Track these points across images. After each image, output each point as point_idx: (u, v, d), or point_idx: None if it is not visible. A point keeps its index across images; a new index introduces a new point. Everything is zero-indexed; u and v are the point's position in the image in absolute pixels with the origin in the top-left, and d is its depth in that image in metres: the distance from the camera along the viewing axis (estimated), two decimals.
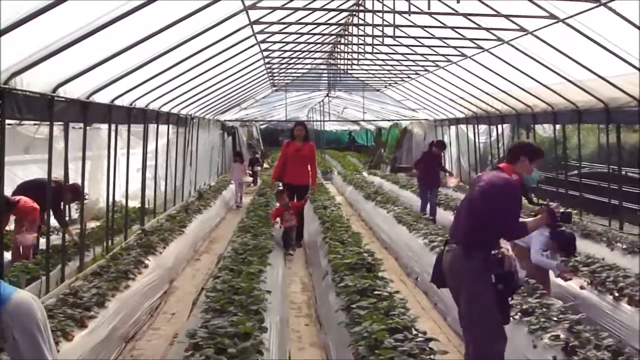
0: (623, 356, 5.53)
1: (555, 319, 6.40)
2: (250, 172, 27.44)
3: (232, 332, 5.61)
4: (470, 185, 6.21)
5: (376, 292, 7.06)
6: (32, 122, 12.52)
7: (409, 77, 21.87)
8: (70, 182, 10.27)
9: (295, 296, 9.82)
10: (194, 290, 10.09)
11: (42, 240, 10.46)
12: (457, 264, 5.64)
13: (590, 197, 15.92)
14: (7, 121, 7.31)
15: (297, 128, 13.72)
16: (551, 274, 8.62)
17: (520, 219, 5.81)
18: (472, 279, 5.52)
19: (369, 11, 14.02)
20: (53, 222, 10.97)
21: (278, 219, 12.88)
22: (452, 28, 13.05)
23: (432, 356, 5.27)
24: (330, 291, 8.16)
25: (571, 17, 10.01)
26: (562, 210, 6.07)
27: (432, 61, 17.25)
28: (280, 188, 13.45)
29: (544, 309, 6.66)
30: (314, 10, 13.96)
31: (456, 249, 5.69)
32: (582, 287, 8.43)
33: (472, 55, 14.79)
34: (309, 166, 13.54)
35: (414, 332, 5.76)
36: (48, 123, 8.56)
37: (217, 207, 17.95)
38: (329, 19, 16.49)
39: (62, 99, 8.28)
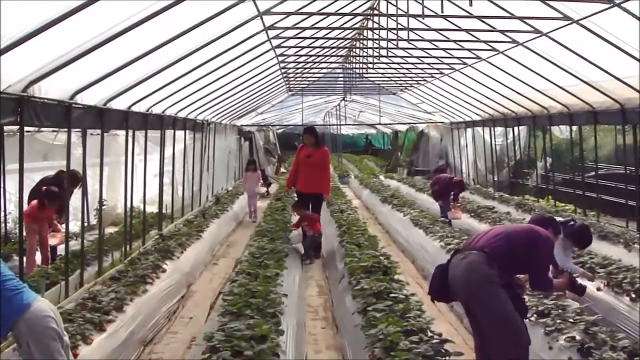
0: (639, 357, 5.53)
1: (571, 320, 6.41)
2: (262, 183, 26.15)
3: (248, 335, 5.66)
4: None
5: (392, 295, 7.09)
6: (50, 129, 12.63)
7: (424, 80, 21.88)
8: (87, 185, 10.38)
9: (311, 299, 9.85)
10: (212, 294, 10.15)
11: (61, 246, 10.56)
12: (476, 268, 5.48)
13: (607, 198, 15.87)
14: (26, 128, 7.40)
15: (304, 136, 12.92)
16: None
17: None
18: (489, 281, 5.39)
19: (384, 15, 14.07)
20: (72, 227, 11.07)
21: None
22: (467, 31, 13.06)
23: (447, 358, 5.28)
24: (347, 294, 8.20)
25: (585, 18, 10.01)
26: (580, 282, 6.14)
27: (447, 64, 17.27)
28: (295, 200, 13.21)
29: (560, 311, 6.67)
30: (329, 14, 14.02)
31: (477, 254, 5.54)
32: (598, 289, 8.41)
33: (487, 58, 14.80)
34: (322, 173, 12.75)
35: (430, 334, 5.78)
36: (66, 130, 8.66)
37: (235, 211, 18.01)
38: (344, 24, 16.53)
39: (80, 106, 8.38)
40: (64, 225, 10.70)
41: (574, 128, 16.26)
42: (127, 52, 8.33)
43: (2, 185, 7.97)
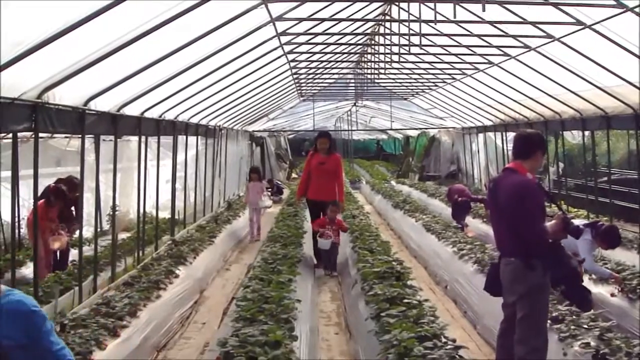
0: None
1: (585, 326, 6.37)
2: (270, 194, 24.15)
3: (262, 341, 5.66)
4: (490, 192, 6.15)
5: (405, 301, 7.09)
6: (64, 135, 12.69)
7: (436, 86, 21.85)
8: (100, 191, 10.36)
9: (324, 305, 9.85)
10: (224, 299, 10.15)
11: (75, 252, 10.59)
12: (520, 277, 5.61)
13: (620, 203, 15.79)
14: (40, 134, 7.43)
15: (320, 140, 12.38)
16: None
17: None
18: (537, 291, 5.58)
19: (395, 20, 14.05)
20: (85, 233, 11.10)
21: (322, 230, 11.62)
22: (479, 36, 13.03)
23: None
24: (360, 300, 8.20)
25: (598, 23, 9.96)
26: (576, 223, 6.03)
27: (459, 69, 17.24)
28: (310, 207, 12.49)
29: (574, 317, 6.63)
30: (341, 20, 14.01)
31: (514, 262, 5.65)
32: (612, 295, 8.38)
33: (499, 63, 14.76)
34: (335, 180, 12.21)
35: (444, 339, 5.79)
36: (79, 136, 8.70)
37: (246, 217, 17.98)
38: (356, 29, 16.53)
39: (93, 112, 8.41)
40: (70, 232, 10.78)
41: (587, 133, 16.20)
42: (140, 59, 8.36)
43: (16, 191, 8.02)
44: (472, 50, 14.48)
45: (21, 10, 5.37)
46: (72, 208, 10.90)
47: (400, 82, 22.66)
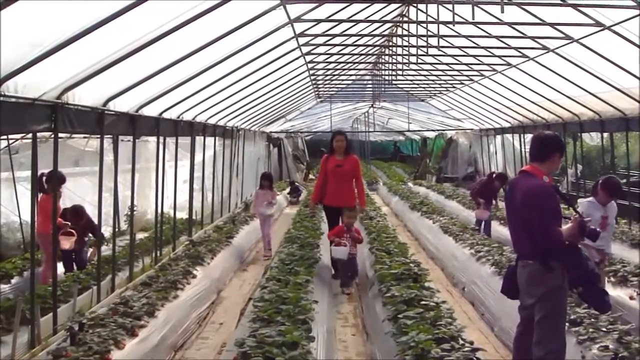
0: None
1: (604, 329, 6.32)
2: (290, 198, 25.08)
3: (280, 342, 5.66)
4: (506, 195, 6.13)
5: (423, 302, 7.07)
6: (82, 135, 12.76)
7: (454, 87, 21.81)
8: (118, 191, 10.30)
9: (341, 306, 9.83)
10: (242, 300, 10.17)
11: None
12: (537, 280, 5.57)
13: (639, 205, 15.67)
14: (59, 134, 7.48)
15: (336, 138, 11.26)
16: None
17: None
18: (555, 293, 5.53)
19: (413, 22, 14.03)
20: (104, 233, 11.15)
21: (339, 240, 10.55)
22: (497, 37, 13.00)
23: None
24: (377, 301, 8.19)
25: (617, 24, 9.92)
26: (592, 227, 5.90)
27: (477, 71, 17.20)
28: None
29: (593, 319, 6.58)
30: (358, 22, 14.03)
31: (533, 264, 5.60)
32: (631, 297, 8.33)
33: (518, 64, 14.72)
34: (353, 184, 11.26)
35: (461, 342, 5.77)
36: (98, 136, 8.75)
37: None
38: (373, 30, 16.54)
39: (112, 113, 8.46)
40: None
41: (605, 135, 16.11)
42: (159, 60, 8.40)
43: (36, 191, 8.07)
44: (490, 52, 14.45)
45: (42, 11, 5.40)
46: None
47: (417, 84, 22.64)
